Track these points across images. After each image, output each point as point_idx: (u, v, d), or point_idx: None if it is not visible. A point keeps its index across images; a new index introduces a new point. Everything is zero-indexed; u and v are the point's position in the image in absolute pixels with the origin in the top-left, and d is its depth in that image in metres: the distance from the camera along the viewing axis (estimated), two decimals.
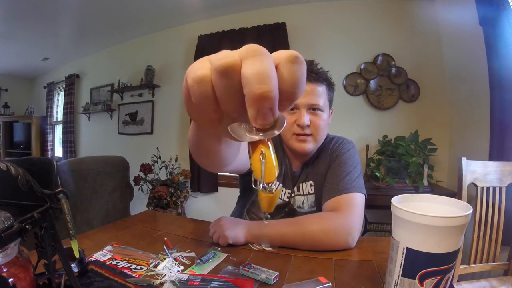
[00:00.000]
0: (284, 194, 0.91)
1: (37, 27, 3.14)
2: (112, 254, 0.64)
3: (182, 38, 3.22)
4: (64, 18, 2.98)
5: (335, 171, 0.83)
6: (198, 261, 0.60)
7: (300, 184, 0.90)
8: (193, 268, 0.59)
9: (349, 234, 0.69)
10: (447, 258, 0.39)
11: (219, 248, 0.69)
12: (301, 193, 0.90)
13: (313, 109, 0.82)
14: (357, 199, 0.77)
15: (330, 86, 0.88)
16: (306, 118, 0.81)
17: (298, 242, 0.69)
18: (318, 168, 0.89)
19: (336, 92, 0.93)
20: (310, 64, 0.85)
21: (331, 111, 0.91)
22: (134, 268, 0.58)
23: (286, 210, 0.92)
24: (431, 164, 2.16)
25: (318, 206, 0.88)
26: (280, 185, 0.25)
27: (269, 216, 0.92)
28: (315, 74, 0.82)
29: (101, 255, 0.63)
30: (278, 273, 0.55)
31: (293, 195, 0.91)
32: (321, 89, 0.83)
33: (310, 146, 0.84)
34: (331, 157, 0.88)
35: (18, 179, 0.35)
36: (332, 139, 0.92)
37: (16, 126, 5.00)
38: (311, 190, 0.89)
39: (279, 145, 0.94)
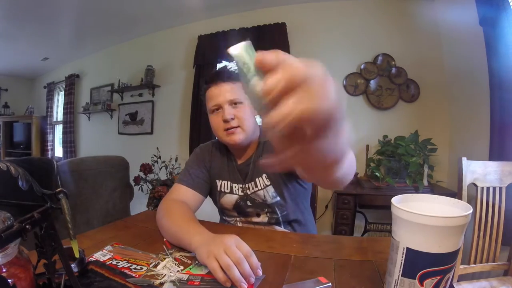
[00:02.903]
0: (237, 189, 0.96)
1: (37, 27, 3.14)
2: (112, 254, 0.64)
3: (182, 38, 3.22)
4: (64, 18, 2.98)
5: None
6: (197, 262, 0.60)
7: (257, 180, 0.94)
8: (190, 268, 0.59)
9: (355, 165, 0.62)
10: (447, 258, 0.39)
11: None
12: (260, 188, 0.94)
13: (234, 103, 0.90)
14: None
15: None
16: (228, 112, 0.88)
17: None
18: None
19: None
20: (224, 68, 0.95)
21: None
22: (134, 268, 0.58)
23: (249, 204, 0.95)
24: (431, 164, 2.16)
25: (279, 194, 0.92)
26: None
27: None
28: (228, 74, 0.92)
29: (101, 255, 0.63)
30: None
31: (247, 186, 0.95)
32: (236, 85, 0.91)
33: (240, 136, 0.90)
34: None
35: (18, 179, 0.35)
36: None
37: (16, 126, 5.00)
38: (267, 182, 0.93)
39: (224, 147, 1.01)
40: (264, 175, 0.93)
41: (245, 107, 0.91)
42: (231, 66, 0.96)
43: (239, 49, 0.28)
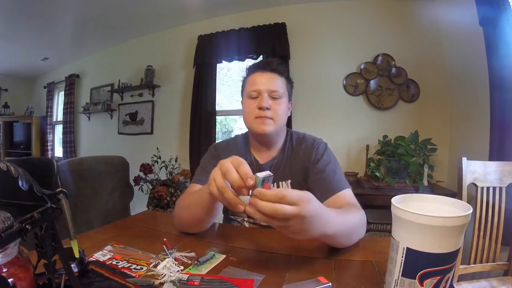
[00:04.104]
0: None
1: (37, 27, 3.14)
2: (112, 254, 0.64)
3: (182, 38, 3.22)
4: (64, 18, 2.98)
5: (322, 173, 0.86)
6: (196, 262, 0.60)
7: (281, 183, 0.93)
8: (190, 269, 0.58)
9: (365, 226, 0.73)
10: (447, 258, 0.39)
11: (216, 249, 0.69)
12: None
13: (273, 96, 0.90)
14: (352, 194, 0.83)
15: (288, 80, 0.97)
16: (266, 101, 0.88)
17: (346, 234, 0.67)
18: (294, 167, 0.93)
19: (336, 92, 0.95)
20: (274, 59, 0.95)
21: (290, 104, 0.99)
22: (134, 268, 0.58)
23: None
24: (431, 164, 2.16)
25: None
26: None
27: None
28: (276, 66, 0.92)
29: (101, 255, 0.63)
30: None
31: None
32: (280, 79, 0.92)
33: (270, 128, 0.89)
34: (308, 157, 0.91)
35: (18, 179, 0.35)
36: (302, 139, 0.96)
37: (16, 126, 5.00)
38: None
39: (244, 144, 1.00)
40: (289, 181, 0.92)
41: (282, 103, 0.91)
42: (280, 61, 0.96)
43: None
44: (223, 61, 2.98)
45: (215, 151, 0.99)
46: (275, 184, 0.92)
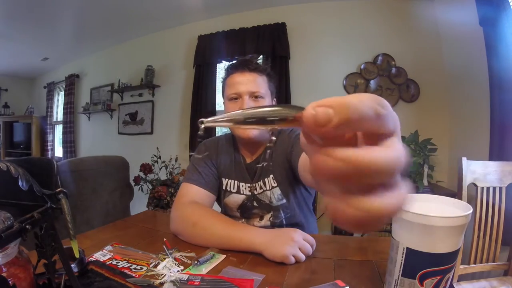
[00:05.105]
0: (245, 188, 0.93)
1: (37, 27, 3.14)
2: (112, 254, 0.64)
3: (182, 38, 3.22)
4: (64, 18, 2.98)
5: (296, 136, 0.86)
6: (196, 262, 0.60)
7: (266, 179, 0.92)
8: (190, 269, 0.58)
9: None
10: (447, 258, 0.39)
11: (216, 249, 0.69)
12: (267, 188, 0.91)
13: (255, 96, 0.87)
14: None
15: (270, 77, 0.93)
16: (248, 104, 0.85)
17: None
18: (275, 161, 0.91)
19: (336, 92, 0.94)
20: (252, 58, 0.92)
21: (274, 102, 0.97)
22: (134, 268, 0.58)
23: (256, 205, 0.93)
24: (431, 164, 2.16)
25: (286, 197, 0.91)
26: None
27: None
28: (256, 65, 0.88)
29: (101, 255, 0.63)
30: None
31: (254, 185, 0.93)
32: (261, 78, 0.89)
33: (254, 132, 0.87)
34: (286, 144, 0.89)
35: (18, 179, 0.35)
36: (283, 132, 0.95)
37: (16, 126, 5.00)
38: (274, 183, 0.91)
39: (231, 142, 0.98)
40: (271, 176, 0.91)
41: (265, 103, 0.88)
42: (259, 58, 0.94)
43: None
44: (223, 61, 2.98)
45: (205, 148, 0.98)
46: (261, 181, 0.92)
